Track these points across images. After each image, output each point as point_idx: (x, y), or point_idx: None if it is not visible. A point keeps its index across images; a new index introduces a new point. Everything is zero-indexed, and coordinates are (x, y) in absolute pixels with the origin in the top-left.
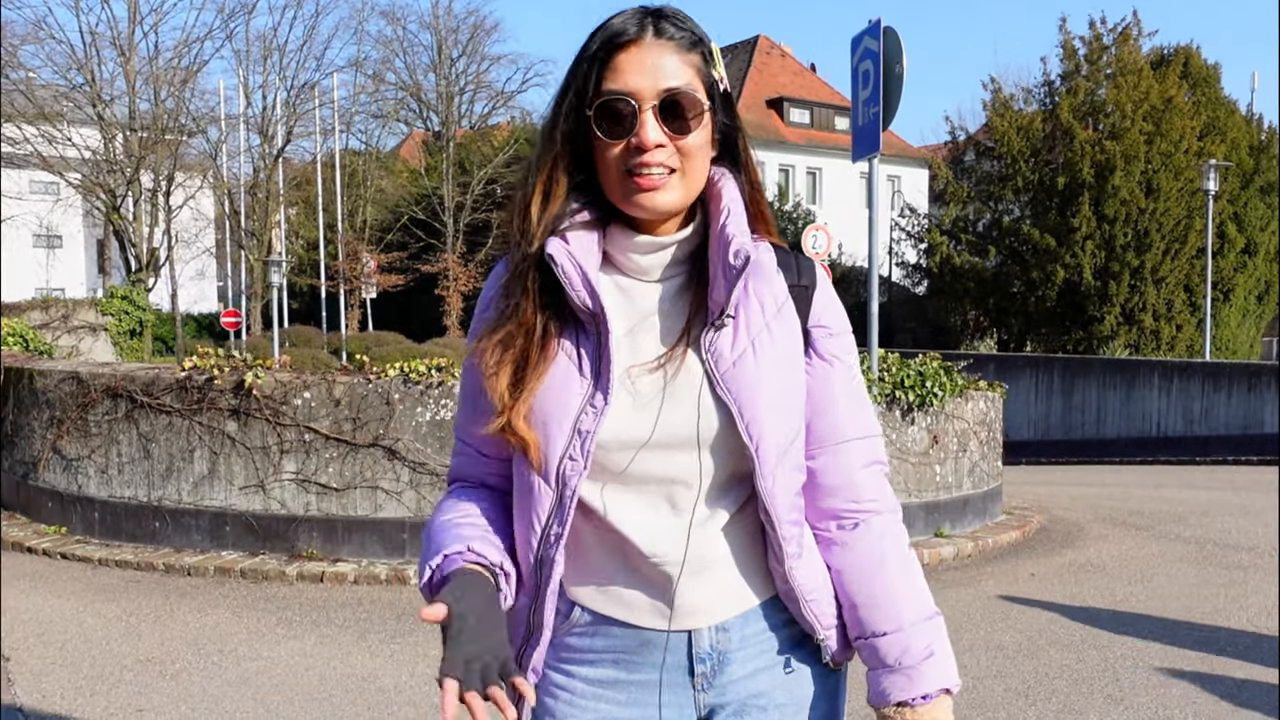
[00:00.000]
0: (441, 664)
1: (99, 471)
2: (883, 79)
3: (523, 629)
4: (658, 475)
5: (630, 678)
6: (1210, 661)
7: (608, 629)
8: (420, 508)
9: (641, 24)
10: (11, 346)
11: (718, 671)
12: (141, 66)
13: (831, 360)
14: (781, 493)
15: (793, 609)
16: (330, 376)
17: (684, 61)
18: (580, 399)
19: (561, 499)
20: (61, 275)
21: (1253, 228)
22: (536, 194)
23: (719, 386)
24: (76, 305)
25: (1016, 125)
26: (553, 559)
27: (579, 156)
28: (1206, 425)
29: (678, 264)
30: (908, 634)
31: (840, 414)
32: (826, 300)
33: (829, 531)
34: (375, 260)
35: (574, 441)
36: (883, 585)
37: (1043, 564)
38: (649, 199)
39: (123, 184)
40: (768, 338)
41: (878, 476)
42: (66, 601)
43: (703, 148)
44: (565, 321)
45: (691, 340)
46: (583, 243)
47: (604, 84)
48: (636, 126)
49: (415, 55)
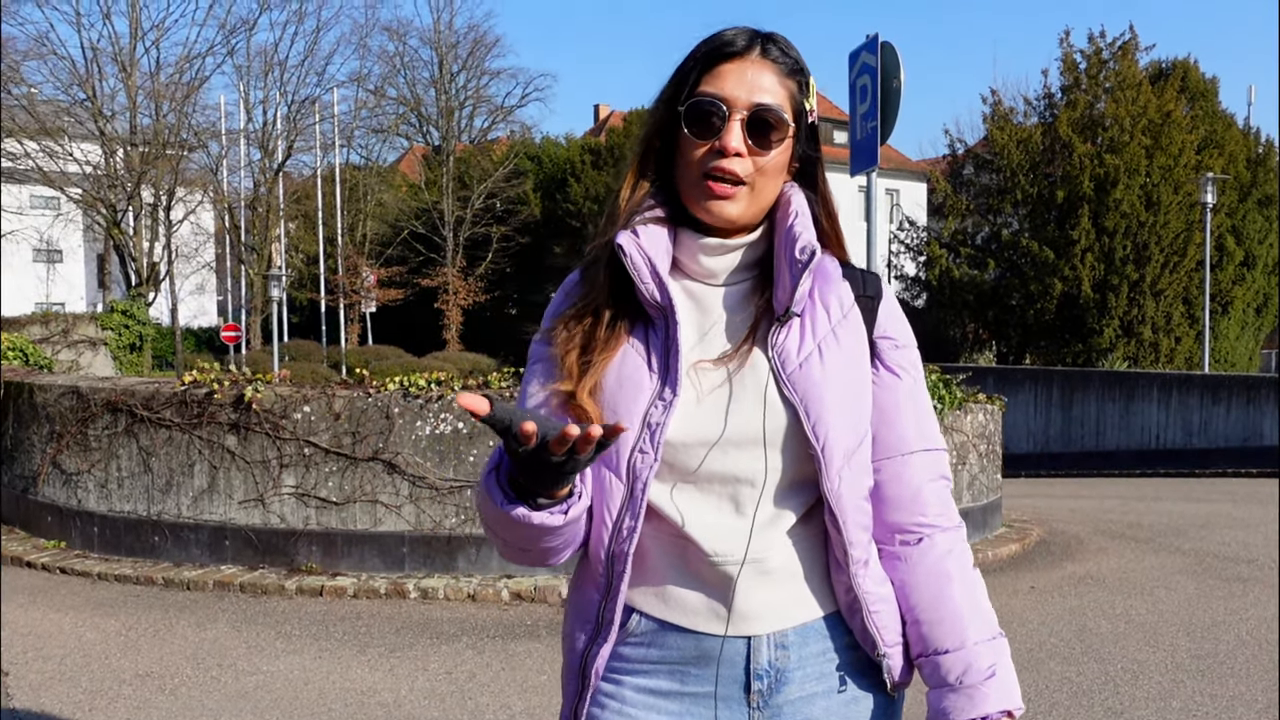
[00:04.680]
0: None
1: (98, 486)
2: (880, 93)
3: (591, 626)
4: (723, 474)
5: (685, 689)
6: (1210, 674)
7: (664, 637)
8: (420, 521)
9: (750, 40)
10: (11, 361)
11: (774, 690)
12: (143, 82)
13: (898, 371)
14: (848, 494)
15: (854, 623)
16: (330, 391)
17: (780, 84)
18: (649, 392)
19: (633, 493)
20: (62, 290)
21: (1251, 240)
22: (626, 185)
23: (785, 386)
24: (76, 320)
25: (1016, 138)
26: (626, 553)
27: (665, 154)
28: (1206, 438)
29: (744, 268)
30: (970, 652)
31: (906, 426)
32: (892, 312)
33: (893, 546)
34: (375, 274)
35: (644, 434)
36: (947, 602)
37: (1042, 577)
38: (718, 206)
39: (123, 199)
40: (834, 341)
41: (943, 491)
42: (66, 616)
43: (779, 169)
44: (635, 316)
45: (758, 339)
46: (653, 237)
47: (701, 86)
48: (723, 131)
49: (416, 70)
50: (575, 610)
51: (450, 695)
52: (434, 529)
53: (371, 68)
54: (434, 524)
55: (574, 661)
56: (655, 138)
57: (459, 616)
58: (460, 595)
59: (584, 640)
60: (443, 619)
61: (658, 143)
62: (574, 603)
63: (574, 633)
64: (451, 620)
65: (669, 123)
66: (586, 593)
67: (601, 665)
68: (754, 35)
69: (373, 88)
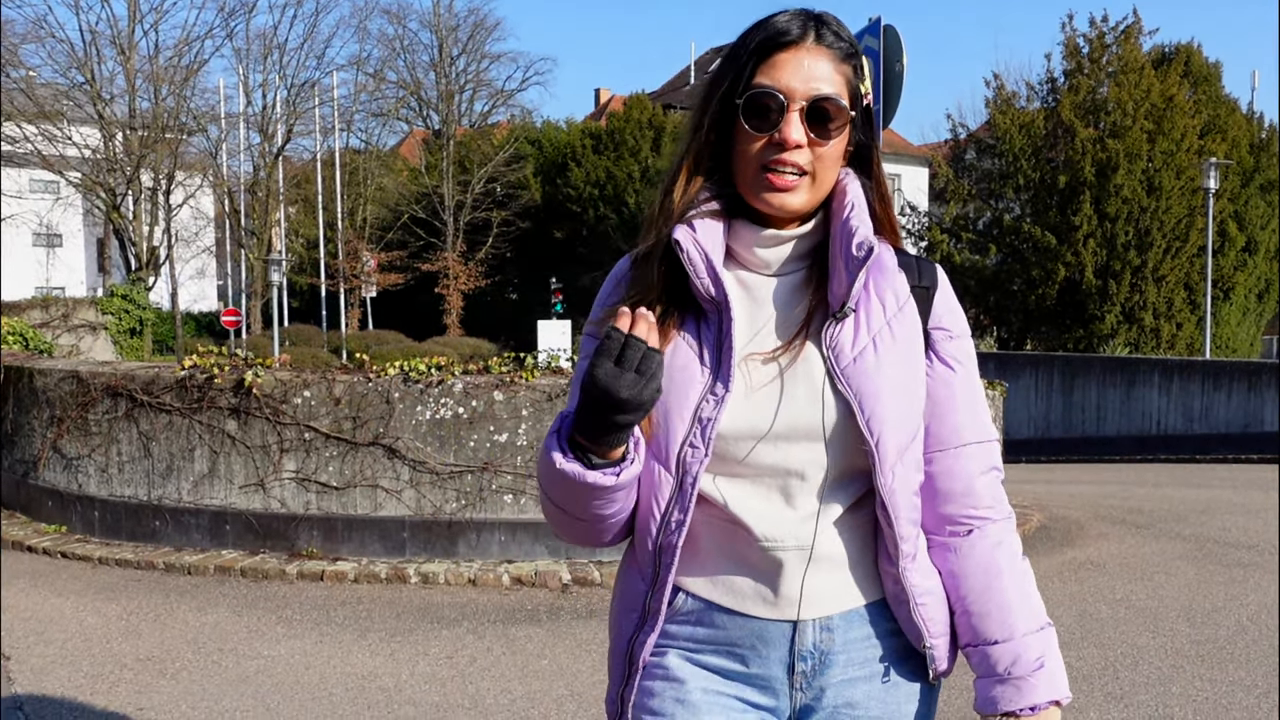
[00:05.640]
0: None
1: (99, 470)
2: (882, 77)
3: (636, 615)
4: (773, 466)
5: (730, 666)
6: (1210, 659)
7: (712, 616)
8: (420, 506)
9: (804, 27)
10: (11, 345)
11: (818, 672)
12: (142, 65)
13: (952, 363)
14: (901, 489)
15: (900, 613)
16: (330, 375)
17: (837, 70)
18: (701, 387)
19: (682, 486)
20: (61, 274)
21: (1253, 226)
22: (681, 178)
23: (839, 381)
24: (76, 304)
25: (1018, 123)
26: (674, 546)
27: (721, 145)
28: (1206, 423)
29: (799, 258)
30: (1019, 644)
31: (960, 417)
32: (947, 302)
33: (943, 536)
34: (375, 259)
35: (694, 429)
36: (997, 593)
37: (1042, 562)
38: (778, 198)
39: (123, 183)
40: (889, 335)
41: (994, 483)
42: (67, 600)
43: (837, 157)
44: (688, 309)
45: (811, 333)
46: (709, 231)
47: (757, 78)
48: (782, 123)
49: (416, 54)
50: (622, 598)
51: (451, 680)
52: (434, 514)
53: (371, 51)
54: (434, 509)
55: (621, 646)
56: (710, 131)
57: (460, 601)
58: (461, 580)
59: (630, 628)
60: (443, 604)
61: (713, 136)
62: (621, 590)
63: (620, 620)
64: (452, 605)
65: (724, 115)
66: (633, 582)
67: (647, 653)
68: (807, 20)
69: (372, 71)
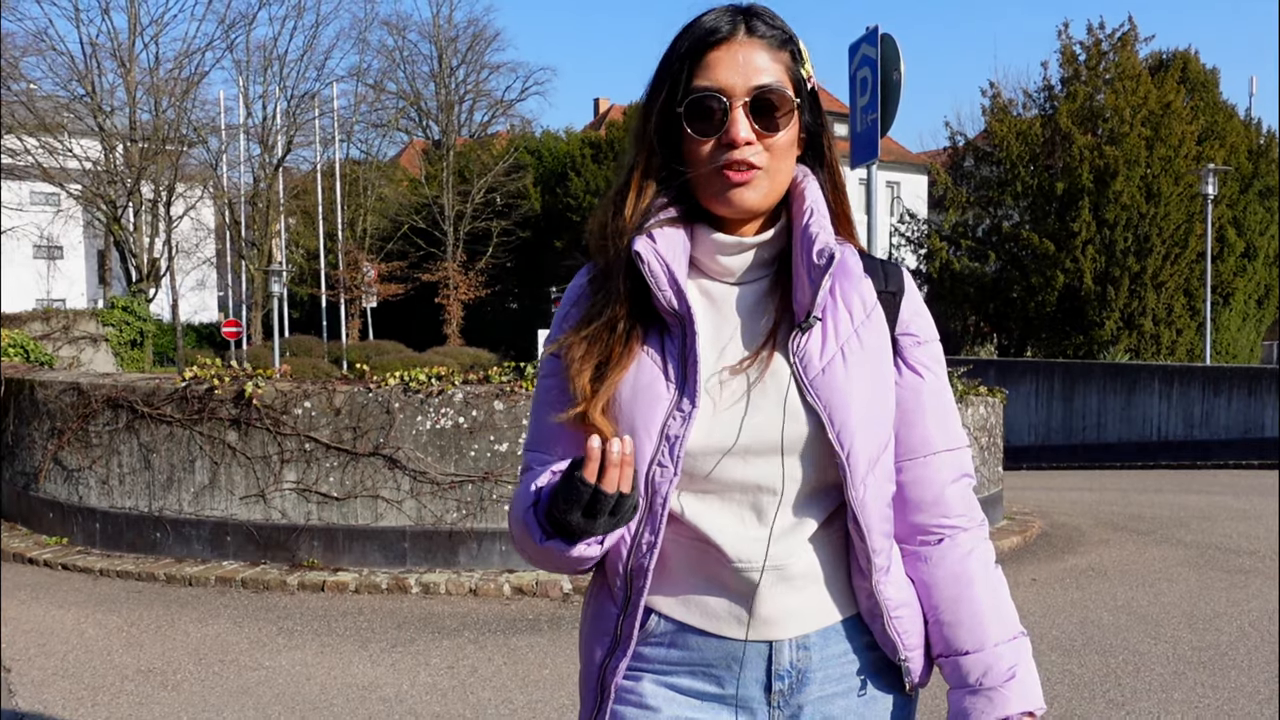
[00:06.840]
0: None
1: (100, 482)
2: (880, 86)
3: (608, 639)
4: (743, 482)
5: (705, 688)
6: (1211, 666)
7: (685, 638)
8: (421, 516)
9: (734, 21)
10: (12, 357)
11: (795, 690)
12: (142, 77)
13: (921, 370)
14: (873, 501)
15: (874, 628)
16: (331, 386)
17: (775, 59)
18: (667, 403)
19: (652, 507)
20: (62, 286)
21: (1252, 232)
22: (630, 192)
23: (808, 393)
24: (77, 316)
25: (1016, 130)
26: (645, 568)
27: (668, 155)
28: (1207, 429)
29: (762, 266)
30: (990, 654)
31: (929, 425)
32: (914, 307)
33: (914, 546)
34: (375, 269)
35: (662, 447)
36: (968, 603)
37: (1044, 569)
38: (737, 195)
39: (123, 194)
40: (857, 344)
41: (965, 490)
42: (68, 612)
43: (790, 146)
44: (651, 323)
45: (778, 343)
46: (670, 240)
47: (695, 81)
48: (727, 123)
49: (415, 65)
50: (593, 622)
51: (452, 690)
52: (435, 524)
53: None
54: (435, 519)
55: (592, 671)
56: (654, 142)
57: (460, 611)
58: (462, 590)
59: (601, 653)
60: (444, 614)
61: (659, 148)
62: (591, 614)
63: (591, 644)
64: (453, 615)
65: (667, 125)
66: (604, 605)
67: (619, 677)
68: (735, 14)
69: (372, 82)
